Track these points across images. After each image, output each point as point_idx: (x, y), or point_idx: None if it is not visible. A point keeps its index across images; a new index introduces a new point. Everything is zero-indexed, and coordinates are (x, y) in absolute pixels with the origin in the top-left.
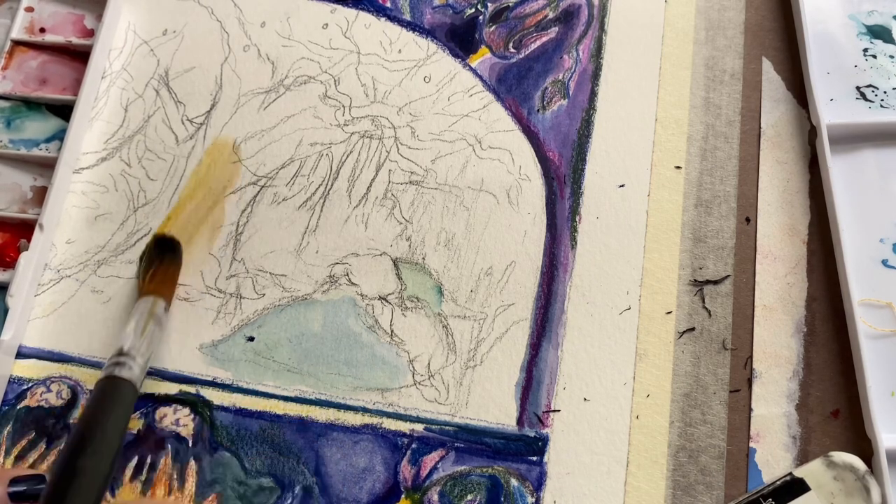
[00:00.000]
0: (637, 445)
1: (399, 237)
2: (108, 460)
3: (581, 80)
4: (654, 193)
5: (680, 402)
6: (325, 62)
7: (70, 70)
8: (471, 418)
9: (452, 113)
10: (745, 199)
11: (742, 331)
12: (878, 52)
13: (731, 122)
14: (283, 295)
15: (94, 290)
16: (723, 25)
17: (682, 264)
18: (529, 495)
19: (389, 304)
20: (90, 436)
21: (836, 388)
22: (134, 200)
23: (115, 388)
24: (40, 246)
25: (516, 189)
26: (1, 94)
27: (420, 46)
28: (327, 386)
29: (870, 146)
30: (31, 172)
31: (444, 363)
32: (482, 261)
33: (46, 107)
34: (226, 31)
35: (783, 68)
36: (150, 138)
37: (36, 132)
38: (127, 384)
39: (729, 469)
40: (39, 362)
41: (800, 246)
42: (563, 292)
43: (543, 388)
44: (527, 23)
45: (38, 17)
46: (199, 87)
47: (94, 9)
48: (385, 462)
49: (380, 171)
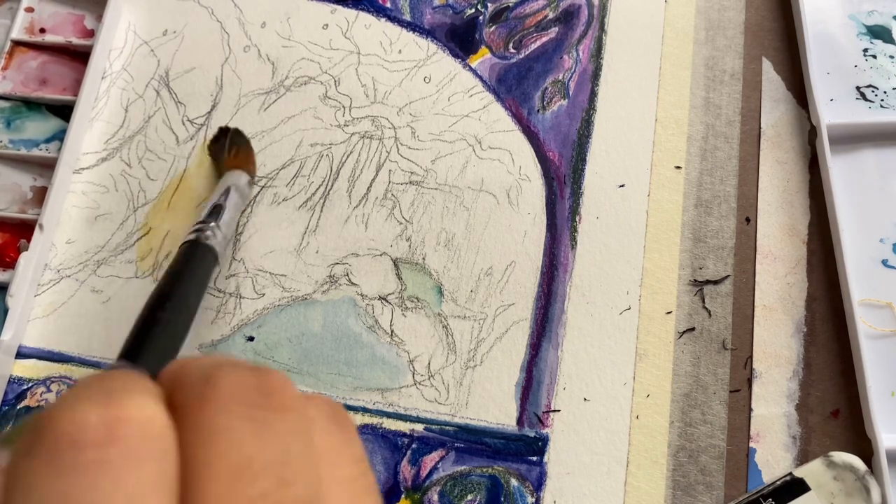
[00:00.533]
0: (637, 445)
1: (399, 237)
2: (186, 317)
3: (581, 80)
4: (654, 193)
5: (680, 402)
6: (326, 63)
7: (70, 70)
8: (471, 418)
9: (452, 113)
10: (745, 199)
11: (742, 331)
12: (878, 52)
13: (731, 122)
14: (283, 295)
15: (94, 290)
16: (723, 25)
17: (682, 264)
18: (529, 495)
19: (389, 305)
20: (169, 292)
21: (836, 388)
22: (134, 200)
23: (195, 252)
24: (40, 246)
25: (516, 189)
26: (1, 94)
27: (420, 47)
28: (327, 386)
29: (870, 146)
30: (31, 172)
31: (444, 363)
32: (482, 261)
33: (46, 107)
34: (226, 31)
35: (783, 68)
36: (151, 139)
37: (36, 132)
38: (207, 249)
39: (729, 469)
40: (39, 362)
41: (800, 246)
42: (563, 292)
43: (543, 389)
44: (527, 23)
45: (38, 18)
46: (200, 87)
47: (94, 9)
48: (385, 462)
49: (380, 172)
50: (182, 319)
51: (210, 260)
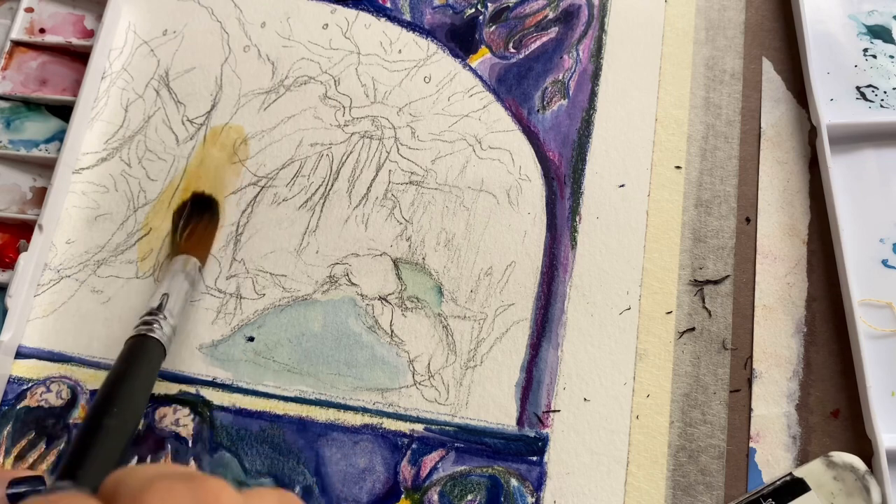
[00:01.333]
0: (637, 445)
1: (399, 237)
2: (132, 420)
3: (581, 80)
4: (655, 193)
5: (680, 402)
6: (326, 62)
7: (70, 71)
8: (471, 418)
9: (452, 113)
10: (745, 198)
11: (742, 331)
12: (878, 52)
13: (731, 122)
14: (283, 295)
15: (94, 290)
16: (723, 25)
17: (682, 264)
18: (529, 495)
19: (389, 305)
20: (115, 394)
21: (836, 388)
22: (134, 201)
23: (142, 347)
24: (39, 246)
25: (516, 189)
26: (1, 94)
27: (420, 47)
28: (327, 386)
29: (870, 146)
30: (31, 173)
31: (444, 363)
32: (482, 261)
33: (46, 107)
34: (226, 31)
35: (783, 68)
36: (151, 139)
37: (36, 133)
38: (155, 343)
39: (729, 469)
40: (39, 362)
41: (800, 246)
42: (563, 292)
43: (543, 388)
44: (527, 23)
45: (37, 18)
46: (200, 87)
47: (94, 9)
48: (385, 462)
49: (380, 172)
50: (128, 422)
51: (157, 355)
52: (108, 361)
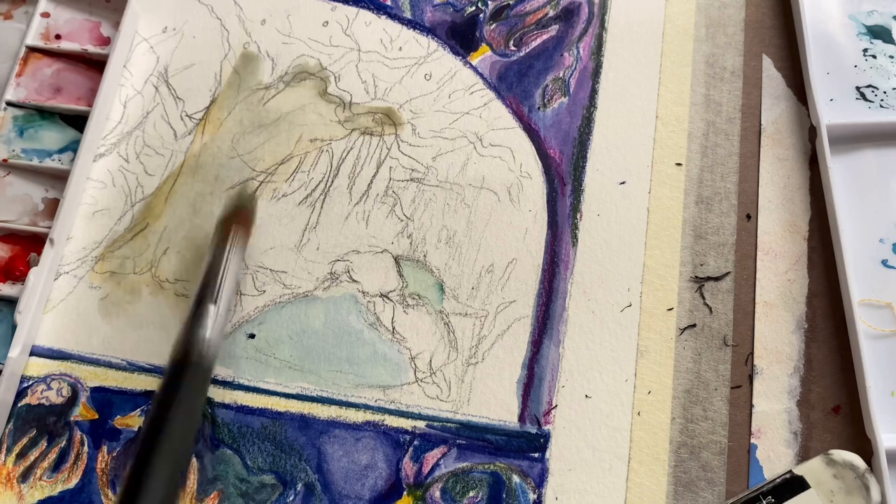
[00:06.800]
0: (638, 442)
1: (400, 234)
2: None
3: (582, 77)
4: (655, 190)
5: (681, 398)
6: (326, 59)
7: (85, 79)
8: (472, 415)
9: (453, 110)
10: (746, 195)
11: (743, 327)
12: (878, 52)
13: (732, 119)
14: (284, 292)
15: (93, 287)
16: (723, 22)
17: (682, 261)
18: (531, 492)
19: (391, 302)
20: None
21: (837, 384)
22: (132, 196)
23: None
24: (50, 261)
25: (517, 186)
26: (15, 101)
27: (420, 44)
28: (329, 383)
29: (870, 146)
30: (43, 184)
31: (445, 360)
32: (483, 258)
33: (60, 116)
34: (226, 28)
35: (783, 65)
36: (149, 134)
37: (49, 142)
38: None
39: (730, 465)
40: (39, 360)
41: (800, 242)
42: (564, 289)
43: (545, 385)
44: (527, 20)
45: (53, 24)
46: (199, 83)
47: (110, 17)
48: (387, 459)
49: (380, 169)
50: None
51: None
52: (108, 358)
